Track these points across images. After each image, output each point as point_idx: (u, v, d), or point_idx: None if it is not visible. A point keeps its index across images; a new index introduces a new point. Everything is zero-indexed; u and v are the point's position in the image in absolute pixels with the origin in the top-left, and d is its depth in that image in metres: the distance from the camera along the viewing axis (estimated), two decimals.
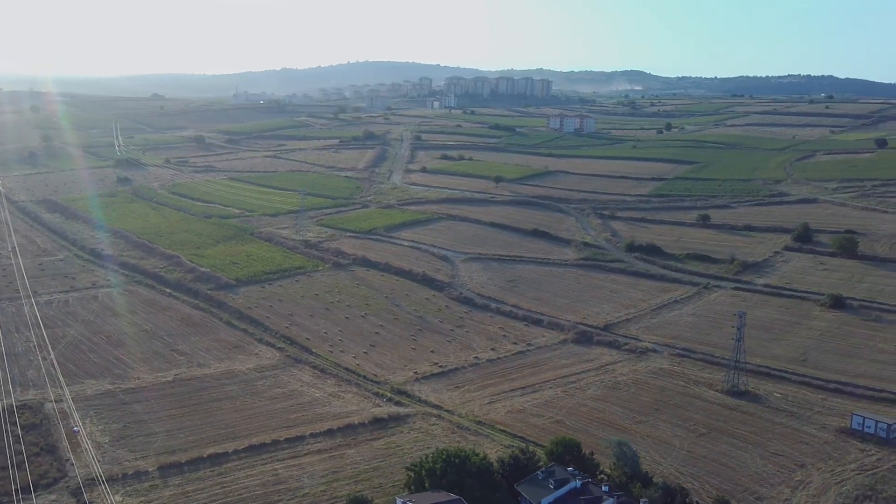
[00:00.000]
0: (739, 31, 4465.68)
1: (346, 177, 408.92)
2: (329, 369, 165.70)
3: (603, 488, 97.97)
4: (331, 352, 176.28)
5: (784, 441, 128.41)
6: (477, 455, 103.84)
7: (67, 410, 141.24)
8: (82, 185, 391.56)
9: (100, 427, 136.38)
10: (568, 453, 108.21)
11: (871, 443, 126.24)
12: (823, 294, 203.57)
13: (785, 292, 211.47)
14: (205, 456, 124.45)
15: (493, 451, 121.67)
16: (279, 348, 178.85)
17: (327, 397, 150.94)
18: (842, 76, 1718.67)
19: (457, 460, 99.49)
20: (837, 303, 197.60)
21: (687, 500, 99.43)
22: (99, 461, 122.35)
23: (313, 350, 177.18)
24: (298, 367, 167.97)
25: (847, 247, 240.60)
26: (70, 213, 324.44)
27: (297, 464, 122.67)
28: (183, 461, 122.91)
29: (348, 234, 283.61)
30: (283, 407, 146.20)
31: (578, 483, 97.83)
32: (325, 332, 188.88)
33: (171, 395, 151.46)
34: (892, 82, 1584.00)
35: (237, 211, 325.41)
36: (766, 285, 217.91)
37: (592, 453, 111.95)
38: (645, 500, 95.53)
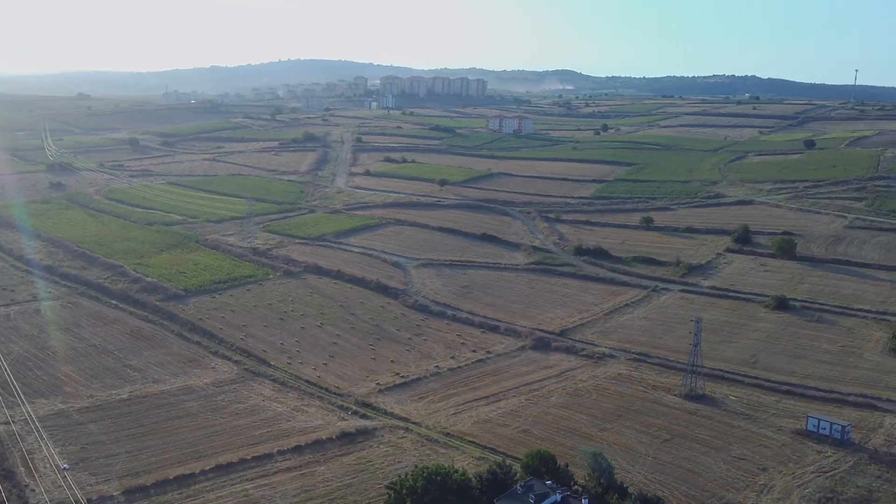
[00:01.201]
0: (665, 31, 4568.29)
1: (288, 180, 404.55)
2: (289, 382, 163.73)
3: (583, 501, 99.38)
4: (289, 364, 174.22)
5: (744, 445, 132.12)
6: (457, 471, 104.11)
7: (22, 433, 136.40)
8: (13, 191, 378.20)
9: (56, 449, 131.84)
10: (543, 466, 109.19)
11: (826, 444, 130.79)
12: (767, 296, 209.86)
13: (730, 294, 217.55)
14: (171, 478, 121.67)
15: (465, 463, 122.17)
16: (236, 361, 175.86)
17: (291, 412, 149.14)
18: (764, 76, 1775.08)
19: (438, 477, 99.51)
20: (781, 304, 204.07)
21: None
22: (61, 486, 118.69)
23: (271, 362, 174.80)
24: (258, 380, 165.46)
25: (786, 248, 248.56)
26: (2, 222, 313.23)
27: (267, 483, 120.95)
28: (149, 484, 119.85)
29: (297, 240, 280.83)
30: (247, 423, 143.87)
31: (559, 497, 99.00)
32: (282, 344, 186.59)
33: (127, 414, 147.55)
34: (812, 82, 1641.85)
35: (179, 217, 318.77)
36: (712, 287, 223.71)
37: (567, 465, 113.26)
38: None
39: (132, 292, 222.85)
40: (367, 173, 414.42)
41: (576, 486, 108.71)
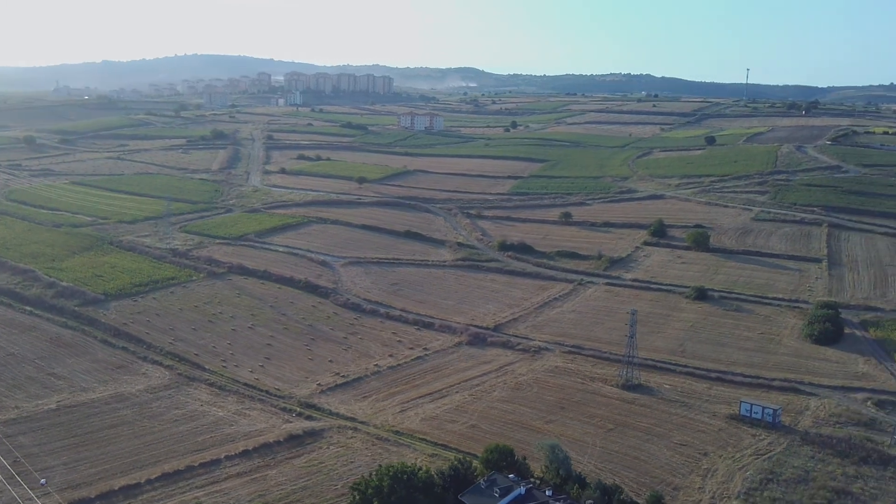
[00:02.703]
0: (563, 30, 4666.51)
1: (200, 179, 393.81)
2: (227, 386, 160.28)
3: (546, 492, 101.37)
4: (224, 367, 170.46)
5: (684, 431, 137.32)
6: (421, 469, 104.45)
7: None
8: None
9: None
10: (503, 460, 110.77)
11: (760, 428, 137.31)
12: (687, 287, 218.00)
13: (653, 286, 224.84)
14: (116, 488, 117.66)
15: (419, 460, 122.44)
16: (168, 366, 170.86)
17: (233, 416, 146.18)
18: (658, 75, 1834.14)
19: (404, 476, 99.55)
20: (701, 295, 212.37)
21: (622, 497, 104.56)
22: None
23: (205, 366, 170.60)
24: (193, 385, 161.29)
25: (700, 241, 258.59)
26: None
27: (218, 489, 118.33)
28: (93, 496, 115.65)
29: (218, 240, 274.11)
30: (188, 429, 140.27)
31: (523, 490, 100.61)
32: (214, 347, 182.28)
33: (58, 425, 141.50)
34: (703, 80, 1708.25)
35: (88, 218, 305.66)
36: (635, 280, 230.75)
37: (525, 458, 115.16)
38: (590, 501, 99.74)
39: (47, 298, 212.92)
40: (283, 171, 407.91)
41: (533, 479, 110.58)
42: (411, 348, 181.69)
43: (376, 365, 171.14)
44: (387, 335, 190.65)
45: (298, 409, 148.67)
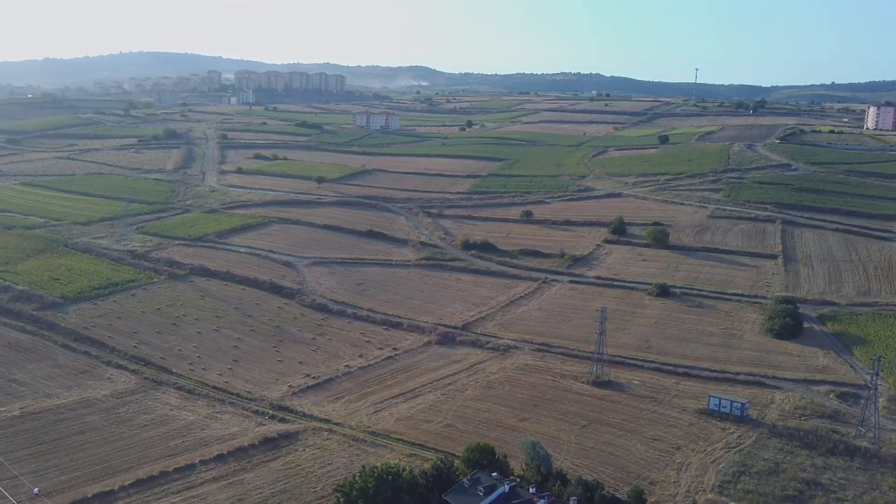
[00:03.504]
0: (514, 28, 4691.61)
1: (155, 179, 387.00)
2: (196, 389, 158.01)
3: (530, 490, 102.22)
4: (192, 370, 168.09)
5: (655, 426, 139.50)
6: (405, 469, 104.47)
7: None
8: None
9: None
10: (484, 459, 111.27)
11: (728, 421, 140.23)
12: (650, 284, 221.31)
13: (616, 283, 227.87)
14: (90, 496, 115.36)
15: (397, 461, 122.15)
16: (133, 370, 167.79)
17: (204, 420, 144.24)
18: (608, 74, 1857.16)
19: (389, 477, 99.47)
20: (663, 291, 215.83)
21: (603, 493, 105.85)
22: None
23: (172, 370, 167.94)
24: (161, 389, 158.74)
25: (659, 238, 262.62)
26: None
27: (196, 495, 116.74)
28: None
29: (177, 241, 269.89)
30: (159, 434, 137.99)
31: (507, 488, 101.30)
32: (180, 350, 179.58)
33: (24, 432, 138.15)
34: (651, 80, 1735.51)
35: (41, 220, 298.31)
36: (598, 277, 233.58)
37: (506, 456, 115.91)
38: (574, 498, 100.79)
39: (3, 302, 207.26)
40: (240, 171, 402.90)
41: (514, 477, 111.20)
42: (381, 348, 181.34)
43: (347, 366, 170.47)
44: (355, 335, 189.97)
45: (271, 411, 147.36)
